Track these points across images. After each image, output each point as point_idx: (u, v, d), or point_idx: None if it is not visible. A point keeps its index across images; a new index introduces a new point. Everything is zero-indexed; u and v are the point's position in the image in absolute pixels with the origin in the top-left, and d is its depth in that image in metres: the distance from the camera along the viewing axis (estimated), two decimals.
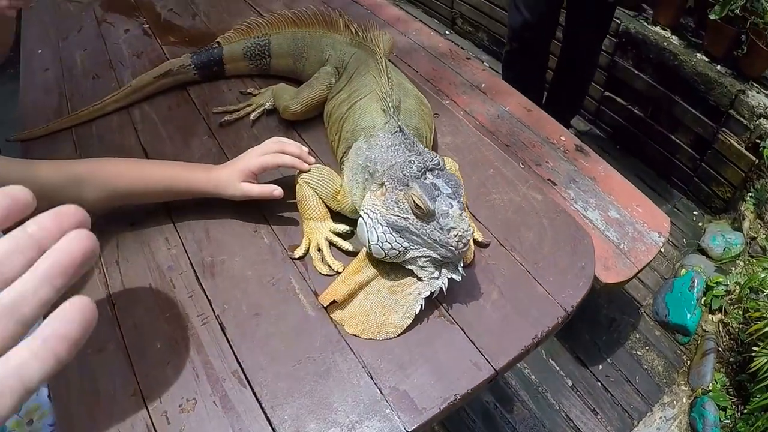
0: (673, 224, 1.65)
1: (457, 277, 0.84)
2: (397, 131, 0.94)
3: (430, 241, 0.81)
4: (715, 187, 2.49)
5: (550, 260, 0.98)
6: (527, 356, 0.89)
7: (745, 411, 1.79)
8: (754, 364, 1.76)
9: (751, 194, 2.28)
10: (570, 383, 1.97)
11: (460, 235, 0.79)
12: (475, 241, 0.99)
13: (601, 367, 2.02)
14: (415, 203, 0.80)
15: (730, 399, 1.86)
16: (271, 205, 1.07)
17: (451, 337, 0.86)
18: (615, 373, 2.00)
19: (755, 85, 2.26)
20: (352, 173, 0.98)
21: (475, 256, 0.97)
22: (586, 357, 2.04)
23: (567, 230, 1.04)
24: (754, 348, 1.80)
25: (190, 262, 0.99)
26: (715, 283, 2.11)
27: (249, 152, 1.04)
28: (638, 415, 1.90)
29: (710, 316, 2.10)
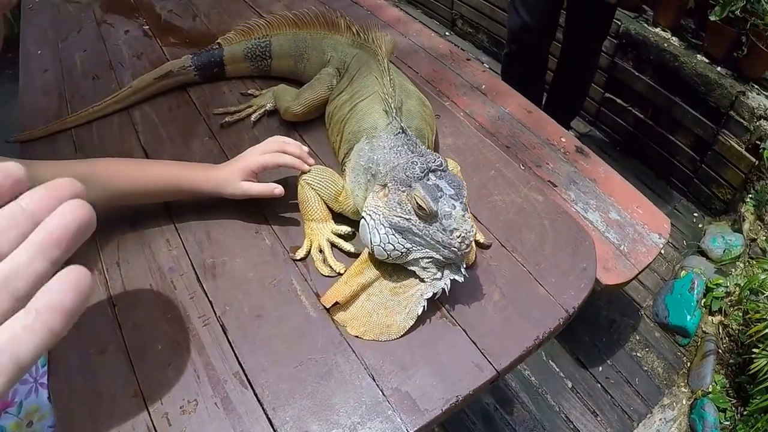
0: (673, 226, 1.65)
1: (460, 278, 0.84)
2: (400, 132, 0.94)
3: (433, 243, 0.81)
4: (715, 188, 2.49)
5: (552, 261, 0.98)
6: (528, 357, 0.89)
7: (744, 413, 1.79)
8: (754, 365, 1.76)
9: (751, 196, 2.29)
10: (570, 385, 1.97)
11: (463, 236, 0.79)
12: (477, 243, 0.99)
13: (601, 368, 2.02)
14: (417, 204, 0.79)
15: (730, 401, 1.86)
16: (272, 206, 1.07)
17: (452, 338, 0.86)
18: (615, 375, 2.00)
19: (755, 86, 2.26)
20: (354, 174, 0.98)
21: (476, 258, 0.97)
22: (586, 358, 2.04)
23: (568, 231, 1.04)
24: (754, 350, 1.79)
25: (191, 264, 0.98)
26: (715, 284, 2.11)
27: (249, 151, 1.03)
28: (638, 416, 1.90)
29: (710, 317, 2.10)
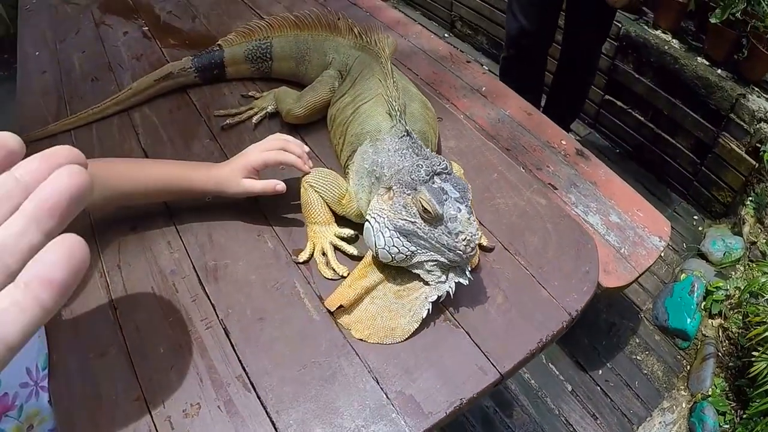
0: (673, 228, 1.65)
1: (465, 281, 0.83)
2: (405, 135, 0.94)
3: (438, 246, 0.80)
4: (716, 191, 2.49)
5: (555, 265, 0.98)
6: (530, 361, 0.89)
7: (744, 416, 1.79)
8: (753, 368, 1.77)
9: (751, 198, 2.29)
10: (570, 388, 1.97)
11: (468, 239, 0.78)
12: (480, 246, 0.98)
13: (600, 371, 2.02)
14: (423, 207, 0.79)
15: (730, 404, 1.86)
16: (274, 209, 1.07)
17: (456, 342, 0.86)
18: (614, 378, 2.00)
19: (756, 89, 2.27)
20: (357, 177, 0.97)
21: (479, 261, 0.97)
22: (585, 362, 2.04)
23: (571, 235, 1.04)
24: (754, 353, 1.80)
25: (193, 266, 0.98)
26: (715, 287, 2.11)
27: (250, 148, 1.03)
28: (638, 419, 1.90)
29: (710, 320, 2.10)
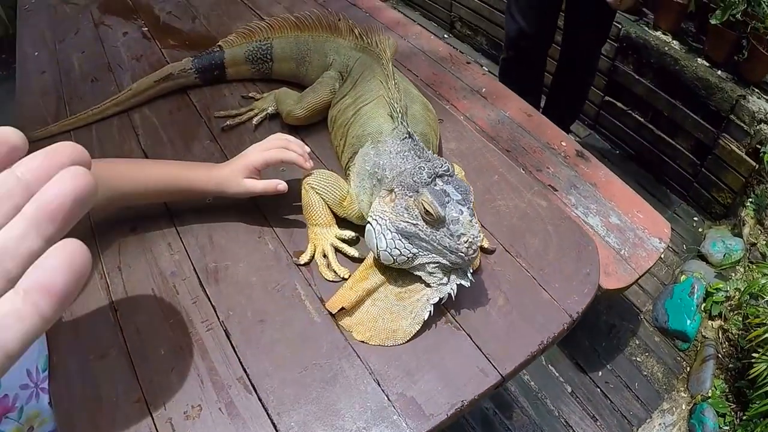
0: (672, 230, 1.65)
1: (466, 283, 0.83)
2: (406, 137, 0.93)
3: (440, 248, 0.80)
4: (716, 192, 2.49)
5: (556, 266, 0.98)
6: (531, 363, 0.89)
7: (744, 417, 1.78)
8: (753, 370, 1.76)
9: (751, 200, 2.29)
10: (569, 389, 1.97)
11: (471, 242, 0.78)
12: (481, 248, 0.98)
13: (600, 373, 2.02)
14: (425, 209, 0.79)
15: (729, 405, 1.86)
16: (275, 210, 1.07)
17: (457, 344, 0.86)
18: (614, 380, 2.00)
19: (756, 90, 2.26)
20: (359, 179, 0.97)
21: (481, 263, 0.97)
22: (585, 363, 2.04)
23: (572, 237, 1.04)
24: (754, 354, 1.79)
25: (194, 268, 0.98)
26: (715, 289, 2.11)
27: (251, 148, 1.02)
28: (637, 421, 1.89)
29: (710, 322, 2.10)
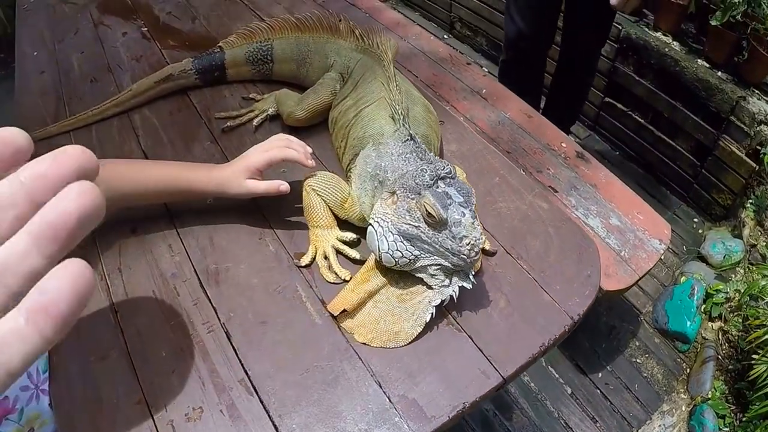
0: (672, 231, 1.65)
1: (468, 285, 0.83)
2: (408, 139, 0.93)
3: (442, 250, 0.80)
4: (716, 194, 2.49)
5: (557, 268, 0.98)
6: (532, 365, 0.89)
7: (743, 419, 1.78)
8: (753, 371, 1.76)
9: (751, 201, 2.28)
10: (569, 391, 1.97)
11: (473, 244, 0.78)
12: (483, 250, 0.98)
13: (600, 374, 2.02)
14: (427, 212, 0.79)
15: (729, 407, 1.86)
16: (276, 212, 1.07)
17: (459, 345, 0.86)
18: (614, 381, 2.00)
19: (756, 91, 2.26)
20: (360, 181, 0.97)
21: (482, 265, 0.97)
22: (585, 364, 2.04)
23: (573, 239, 1.04)
24: (754, 356, 1.79)
25: (194, 270, 0.97)
26: (715, 290, 2.11)
27: (253, 149, 1.02)
28: (637, 423, 1.89)
29: (710, 323, 2.09)
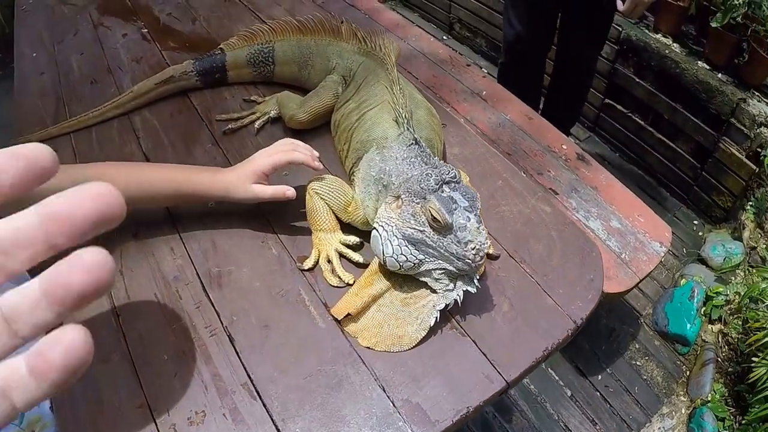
0: (673, 233, 1.65)
1: (473, 290, 0.83)
2: (413, 143, 0.93)
3: (447, 254, 0.80)
4: (716, 196, 2.49)
5: (560, 272, 0.98)
6: (536, 368, 0.88)
7: (743, 422, 1.78)
8: (753, 374, 1.76)
9: (751, 203, 2.28)
10: (569, 393, 1.96)
11: (478, 248, 0.78)
12: (486, 254, 0.98)
13: (600, 377, 2.02)
14: (432, 216, 0.79)
15: (729, 410, 1.86)
16: (278, 216, 1.06)
17: (462, 350, 0.86)
18: (614, 384, 2.00)
19: (756, 93, 2.26)
20: (364, 185, 0.97)
21: (485, 269, 0.97)
22: (585, 367, 2.04)
23: (575, 242, 1.04)
24: (754, 358, 1.79)
25: (197, 273, 0.97)
26: (715, 293, 2.10)
27: (259, 153, 1.01)
28: (637, 425, 1.89)
29: (710, 326, 2.09)
